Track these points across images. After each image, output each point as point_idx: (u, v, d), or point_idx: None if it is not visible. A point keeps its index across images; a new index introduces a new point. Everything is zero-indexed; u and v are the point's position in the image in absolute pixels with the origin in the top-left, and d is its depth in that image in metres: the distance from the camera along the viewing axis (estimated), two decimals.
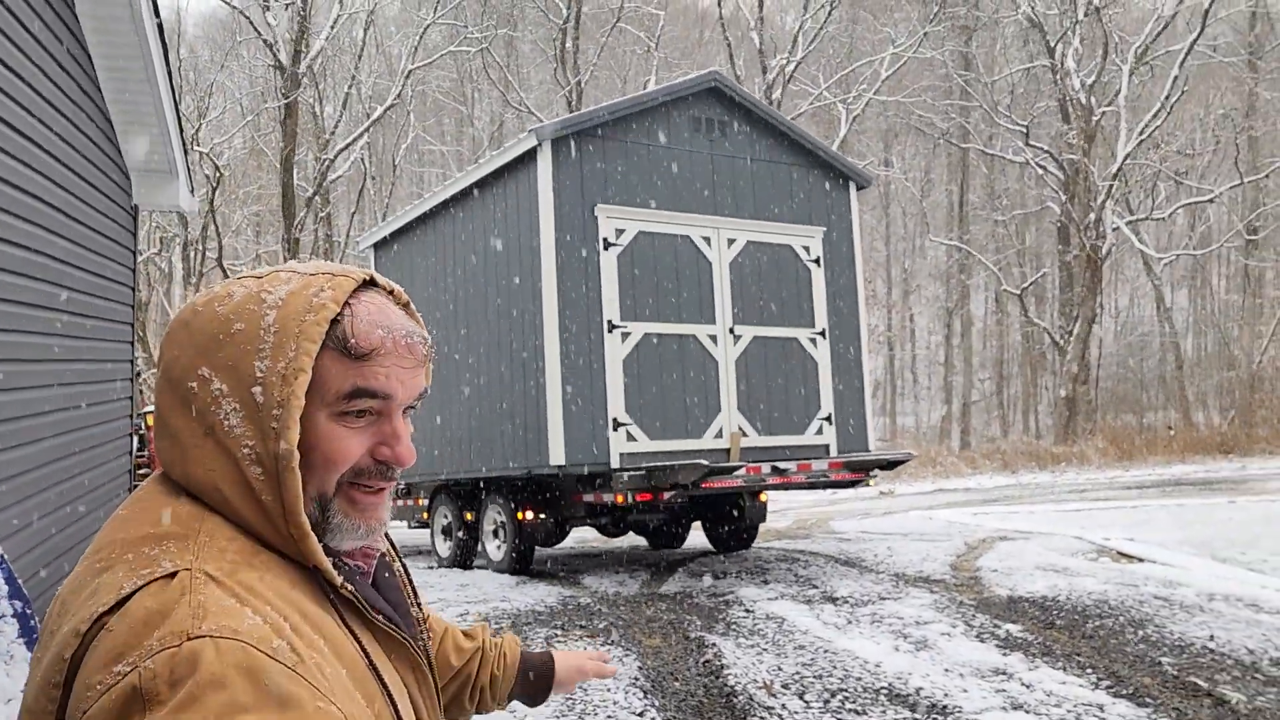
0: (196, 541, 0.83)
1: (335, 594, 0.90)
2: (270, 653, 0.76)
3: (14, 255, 4.39)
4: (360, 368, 0.90)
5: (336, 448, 0.90)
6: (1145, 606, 6.44)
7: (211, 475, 0.87)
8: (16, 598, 2.37)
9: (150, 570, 0.79)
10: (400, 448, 0.93)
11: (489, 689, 1.35)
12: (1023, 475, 21.47)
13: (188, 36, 33.26)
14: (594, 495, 8.38)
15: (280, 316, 0.88)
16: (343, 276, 0.93)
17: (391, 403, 0.93)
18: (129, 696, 0.72)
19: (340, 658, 0.85)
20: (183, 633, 0.74)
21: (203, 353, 0.88)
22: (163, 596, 0.77)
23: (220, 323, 0.89)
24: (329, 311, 0.89)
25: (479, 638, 1.37)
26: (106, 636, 0.76)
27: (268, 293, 0.90)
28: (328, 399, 0.89)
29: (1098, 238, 25.81)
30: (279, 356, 0.86)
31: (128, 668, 0.73)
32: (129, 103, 6.36)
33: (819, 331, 9.24)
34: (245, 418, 0.86)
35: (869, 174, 10.17)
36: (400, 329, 0.93)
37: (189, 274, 28.02)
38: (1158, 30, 26.02)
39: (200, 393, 0.87)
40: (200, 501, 0.87)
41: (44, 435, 4.90)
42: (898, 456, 8.74)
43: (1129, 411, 34.91)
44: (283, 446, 0.85)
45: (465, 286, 9.69)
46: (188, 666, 0.72)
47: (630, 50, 34.43)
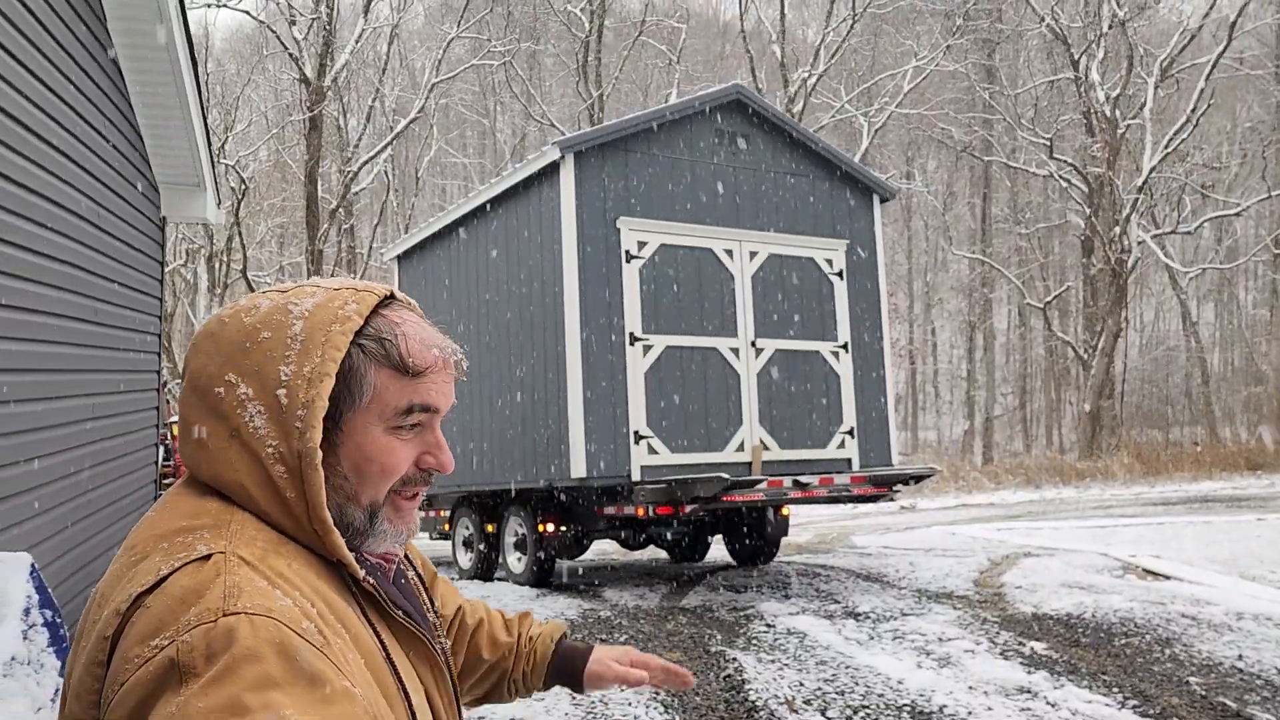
0: (229, 529, 0.87)
1: (357, 587, 0.94)
2: (301, 632, 0.79)
3: (46, 267, 4.46)
4: (416, 385, 0.97)
5: (393, 460, 0.96)
6: (1172, 625, 6.36)
7: (238, 474, 0.91)
8: (47, 606, 2.40)
9: (186, 554, 0.83)
10: (444, 455, 1.00)
11: (522, 684, 1.39)
12: (1046, 490, 21.28)
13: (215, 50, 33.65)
14: (615, 508, 8.35)
15: (307, 326, 0.93)
16: (366, 291, 0.99)
17: (437, 416, 1.00)
18: (166, 668, 0.75)
19: (359, 648, 0.88)
20: (219, 609, 0.78)
21: (229, 360, 0.93)
22: (199, 576, 0.81)
23: (248, 331, 0.94)
24: (354, 323, 0.94)
25: (514, 633, 1.39)
26: (144, 614, 0.79)
27: (294, 304, 0.95)
28: (385, 415, 0.95)
29: (1123, 251, 25.61)
30: (305, 362, 0.91)
31: (165, 641, 0.76)
32: (158, 116, 6.44)
33: (841, 345, 9.19)
34: (270, 419, 0.90)
35: (892, 186, 10.13)
36: (447, 347, 1.01)
37: (214, 285, 28.27)
38: (1183, 43, 25.85)
39: (227, 397, 0.92)
40: (228, 499, 0.92)
41: (72, 444, 4.96)
42: (921, 471, 8.66)
43: (1154, 427, 34.55)
44: (307, 445, 0.90)
45: (488, 298, 9.71)
46: (224, 641, 0.76)
47: (652, 63, 34.57)
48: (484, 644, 1.37)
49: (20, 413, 4.17)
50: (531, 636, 1.40)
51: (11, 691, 2.03)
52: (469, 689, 1.38)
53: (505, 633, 1.39)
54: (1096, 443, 25.62)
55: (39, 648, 2.23)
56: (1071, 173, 27.71)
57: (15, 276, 4.07)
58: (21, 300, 4.16)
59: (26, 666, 2.12)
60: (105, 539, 5.64)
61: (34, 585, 2.33)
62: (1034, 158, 29.83)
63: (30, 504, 4.31)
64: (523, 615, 1.45)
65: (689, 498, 7.44)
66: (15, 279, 4.08)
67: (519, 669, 1.38)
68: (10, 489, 4.05)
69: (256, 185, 30.77)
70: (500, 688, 1.39)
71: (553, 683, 1.39)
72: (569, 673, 1.38)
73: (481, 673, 1.37)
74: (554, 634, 1.40)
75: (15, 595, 2.20)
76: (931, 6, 30.45)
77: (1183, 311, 31.09)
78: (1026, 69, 32.72)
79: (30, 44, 4.27)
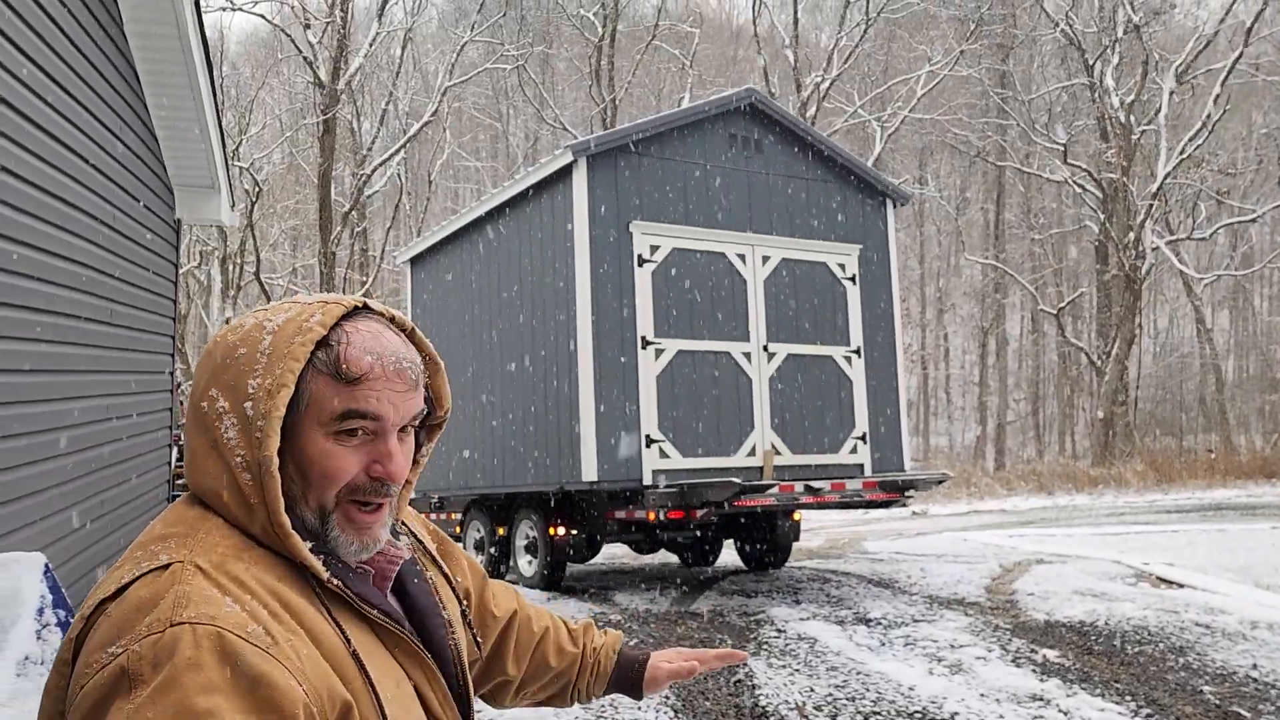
0: (194, 538, 0.94)
1: (322, 588, 0.97)
2: (245, 636, 0.84)
3: (62, 268, 4.48)
4: (352, 391, 0.98)
5: (332, 465, 0.98)
6: (1186, 633, 6.32)
7: (214, 482, 0.97)
8: (60, 606, 2.41)
9: (150, 563, 0.90)
10: (392, 465, 1.00)
11: (585, 693, 1.45)
12: (1059, 497, 21.17)
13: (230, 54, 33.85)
14: (626, 512, 8.34)
15: (274, 340, 0.98)
16: (334, 304, 1.02)
17: (384, 423, 1.00)
18: (117, 676, 0.81)
19: (319, 645, 0.92)
20: (166, 619, 0.83)
21: (213, 376, 0.99)
22: (155, 585, 0.87)
23: (228, 349, 1.00)
24: (315, 334, 0.98)
25: (579, 644, 1.45)
26: (105, 620, 0.86)
27: (269, 320, 1.00)
28: (323, 420, 0.98)
29: (1137, 257, 25.48)
30: (268, 374, 0.96)
31: (119, 650, 0.82)
32: (174, 119, 6.48)
33: (854, 349, 9.17)
34: (240, 430, 0.96)
35: (906, 191, 10.10)
36: (390, 355, 1.01)
37: (227, 287, 28.39)
38: (1199, 48, 25.72)
39: (209, 411, 0.98)
40: (208, 508, 0.98)
41: (86, 445, 4.98)
42: (933, 477, 8.62)
43: (1168, 434, 34.36)
44: (263, 454, 0.94)
45: (500, 301, 9.72)
46: (168, 650, 0.81)
47: (665, 68, 34.58)
48: (550, 652, 1.42)
49: (34, 413, 4.20)
50: (595, 648, 1.45)
51: (25, 691, 2.04)
52: (534, 692, 1.44)
53: (571, 643, 1.44)
54: (1110, 449, 25.48)
55: (52, 647, 2.24)
56: (1086, 178, 27.59)
57: (31, 278, 4.10)
58: (38, 301, 4.18)
59: (40, 666, 2.13)
60: (118, 539, 5.66)
61: (48, 585, 2.34)
62: (1048, 163, 29.72)
63: (44, 504, 4.33)
64: (585, 625, 1.49)
65: (700, 502, 7.43)
66: (32, 280, 4.10)
67: (584, 680, 1.44)
68: (24, 489, 4.07)
69: (270, 188, 30.90)
70: (564, 695, 1.45)
71: (612, 691, 1.44)
72: (628, 682, 1.44)
73: (547, 679, 1.43)
74: (615, 645, 1.46)
75: (29, 595, 2.22)
76: (945, 11, 30.38)
77: (1197, 318, 30.90)
78: (1041, 74, 32.62)
79: (47, 46, 4.30)
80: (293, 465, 0.98)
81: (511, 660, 1.40)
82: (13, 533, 3.90)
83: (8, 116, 3.82)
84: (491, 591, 1.40)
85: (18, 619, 2.19)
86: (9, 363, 3.89)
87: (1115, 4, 26.51)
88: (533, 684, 1.42)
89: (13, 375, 3.93)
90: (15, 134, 3.90)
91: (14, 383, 3.95)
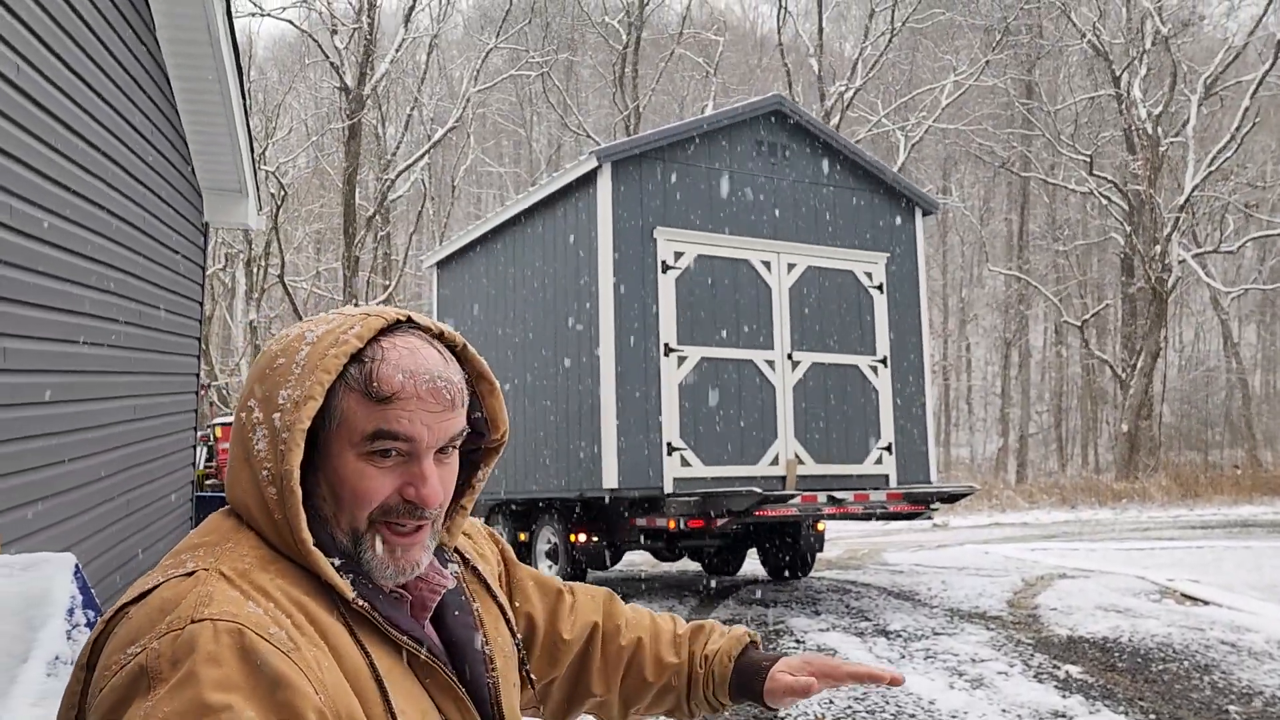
0: (223, 548, 0.92)
1: (347, 607, 0.94)
2: (266, 637, 0.83)
3: (93, 270, 4.53)
4: (383, 410, 0.94)
5: (363, 486, 0.95)
6: (1211, 651, 6.24)
7: (244, 494, 0.96)
8: (89, 607, 2.43)
9: (176, 570, 0.89)
10: (425, 489, 0.96)
11: (706, 704, 1.30)
12: (1082, 511, 20.99)
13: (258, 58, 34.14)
14: (647, 519, 8.30)
15: (310, 352, 0.95)
16: (375, 317, 0.98)
17: (417, 445, 0.96)
18: (137, 675, 0.80)
19: (341, 664, 0.89)
20: (187, 617, 0.82)
21: (253, 386, 0.97)
22: (178, 588, 0.86)
23: (269, 358, 0.98)
24: (350, 347, 0.94)
25: (683, 652, 1.30)
26: (126, 622, 0.85)
27: (310, 331, 0.98)
28: (353, 439, 0.95)
29: (1163, 270, 25.26)
30: (299, 386, 0.93)
31: (138, 650, 0.81)
32: (204, 123, 6.54)
33: (880, 359, 9.10)
34: (269, 442, 0.93)
35: (934, 200, 10.02)
36: (424, 373, 0.96)
37: (251, 289, 28.62)
38: (1228, 60, 25.51)
39: (246, 421, 0.96)
40: (240, 518, 0.97)
41: (114, 445, 5.03)
42: (959, 490, 8.53)
43: (1193, 449, 34.01)
44: (284, 467, 0.92)
45: (523, 306, 9.74)
46: (187, 647, 0.80)
47: (689, 76, 34.61)
48: (647, 666, 1.30)
49: (64, 413, 4.24)
50: (708, 656, 1.29)
51: (56, 691, 2.06)
52: (646, 708, 1.32)
53: (673, 653, 1.30)
54: (1134, 464, 25.24)
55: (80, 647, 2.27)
56: (1112, 190, 27.39)
57: (63, 279, 4.15)
58: (68, 303, 4.23)
59: (69, 666, 2.16)
60: (142, 539, 5.71)
61: (78, 586, 2.37)
62: (1073, 174, 29.53)
63: (72, 503, 4.38)
64: (698, 628, 1.33)
65: (720, 511, 7.39)
66: (63, 281, 4.15)
67: (698, 691, 1.29)
68: (54, 488, 4.12)
69: (295, 192, 31.15)
70: (681, 708, 1.30)
71: (742, 700, 1.27)
72: (751, 692, 1.26)
73: (652, 695, 1.30)
74: (733, 650, 1.28)
75: (60, 595, 2.24)
76: (971, 21, 30.26)
77: (1224, 332, 30.60)
78: (1067, 85, 32.41)
79: (81, 50, 4.35)
80: (325, 484, 0.96)
81: (598, 679, 1.30)
82: (40, 531, 3.94)
83: (42, 120, 3.87)
84: (569, 607, 1.31)
85: (48, 619, 2.21)
86: (37, 363, 3.93)
87: (1144, 15, 26.33)
88: (637, 700, 1.30)
89: (41, 376, 3.98)
90: (48, 136, 3.95)
91: (43, 383, 3.99)
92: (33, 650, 2.11)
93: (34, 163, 3.79)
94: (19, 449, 3.74)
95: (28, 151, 3.73)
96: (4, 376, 3.60)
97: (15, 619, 2.19)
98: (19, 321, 3.70)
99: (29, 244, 3.77)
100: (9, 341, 3.62)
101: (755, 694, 1.24)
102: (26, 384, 3.81)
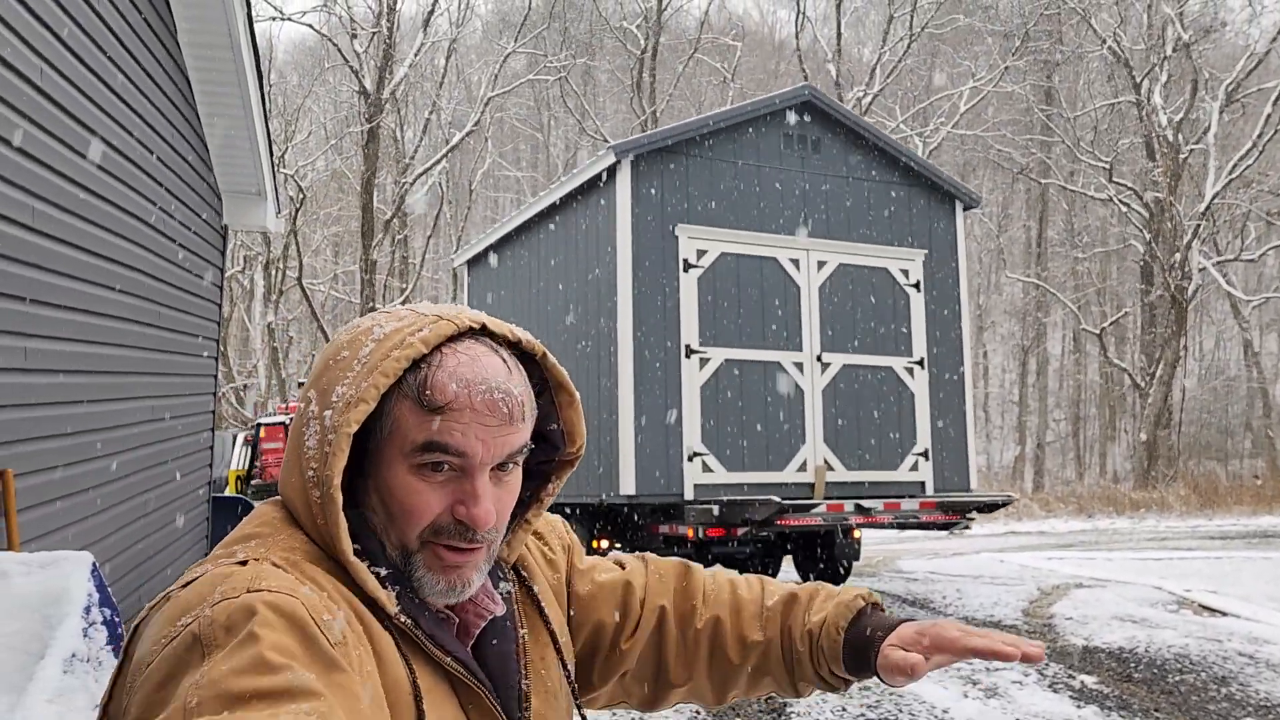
0: (274, 540, 0.88)
1: (390, 622, 0.89)
2: (320, 623, 0.78)
3: (115, 272, 4.57)
4: (435, 420, 0.88)
5: (411, 501, 0.89)
6: (1229, 663, 6.19)
7: (293, 492, 0.91)
8: (106, 605, 2.45)
9: (227, 560, 0.84)
10: (476, 510, 0.89)
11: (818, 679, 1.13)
12: (1099, 520, 20.84)
13: (278, 62, 34.38)
14: (670, 527, 8.02)
15: (374, 350, 0.88)
16: (446, 321, 0.91)
17: (470, 460, 0.89)
18: (190, 643, 0.75)
19: (382, 670, 0.84)
20: (242, 588, 0.78)
21: (315, 377, 0.92)
22: (229, 569, 0.81)
23: (334, 350, 0.92)
24: (413, 350, 0.88)
25: (773, 629, 1.14)
26: (174, 601, 0.80)
27: (379, 326, 0.91)
28: (405, 449, 0.88)
29: (1183, 278, 25.08)
30: (356, 385, 0.87)
31: (190, 619, 0.76)
32: (224, 128, 6.59)
33: (916, 360, 8.72)
34: (318, 440, 0.88)
35: (976, 194, 9.61)
36: (481, 384, 0.89)
37: (269, 292, 28.80)
38: (1250, 67, 25.32)
39: (303, 413, 0.91)
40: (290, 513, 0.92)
41: (132, 445, 5.07)
42: (997, 499, 8.16)
43: (1213, 458, 33.71)
44: (325, 472, 0.86)
45: (544, 306, 9.58)
46: (244, 615, 0.75)
47: (706, 80, 34.65)
48: (730, 646, 1.14)
49: (84, 413, 4.28)
50: (811, 631, 1.11)
51: (72, 688, 2.08)
52: (746, 687, 1.16)
53: (759, 629, 1.13)
54: (1152, 473, 25.05)
55: (98, 645, 2.29)
56: (1131, 197, 27.22)
57: (84, 280, 4.19)
58: (89, 304, 4.27)
59: (86, 664, 2.17)
60: (159, 539, 5.75)
61: (95, 584, 2.39)
62: (1093, 181, 29.36)
63: (90, 502, 4.41)
64: (790, 598, 1.15)
65: (739, 520, 7.11)
66: (84, 283, 4.19)
67: (803, 669, 1.12)
68: (72, 487, 4.16)
69: (314, 195, 31.33)
70: (786, 688, 1.14)
71: (860, 675, 1.09)
72: (867, 666, 1.07)
73: (746, 677, 1.15)
74: (842, 619, 1.09)
75: (77, 593, 2.26)
76: (990, 27, 30.16)
77: (1244, 341, 30.36)
78: (1087, 91, 32.25)
79: (103, 54, 4.39)
80: (375, 493, 0.91)
81: (677, 667, 1.16)
82: (57, 530, 3.97)
83: (65, 123, 3.91)
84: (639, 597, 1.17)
85: (65, 617, 2.23)
86: (58, 364, 3.97)
87: (1165, 22, 26.18)
88: (731, 685, 1.16)
89: (62, 376, 4.02)
90: (70, 139, 3.99)
91: (63, 383, 4.03)
92: (50, 647, 2.13)
93: (56, 165, 3.83)
94: (39, 448, 3.77)
95: (50, 154, 3.76)
96: (26, 376, 3.63)
97: (33, 616, 2.22)
98: (40, 322, 3.74)
99: (51, 245, 3.80)
100: (31, 341, 3.66)
101: (873, 669, 1.06)
102: (47, 384, 3.85)
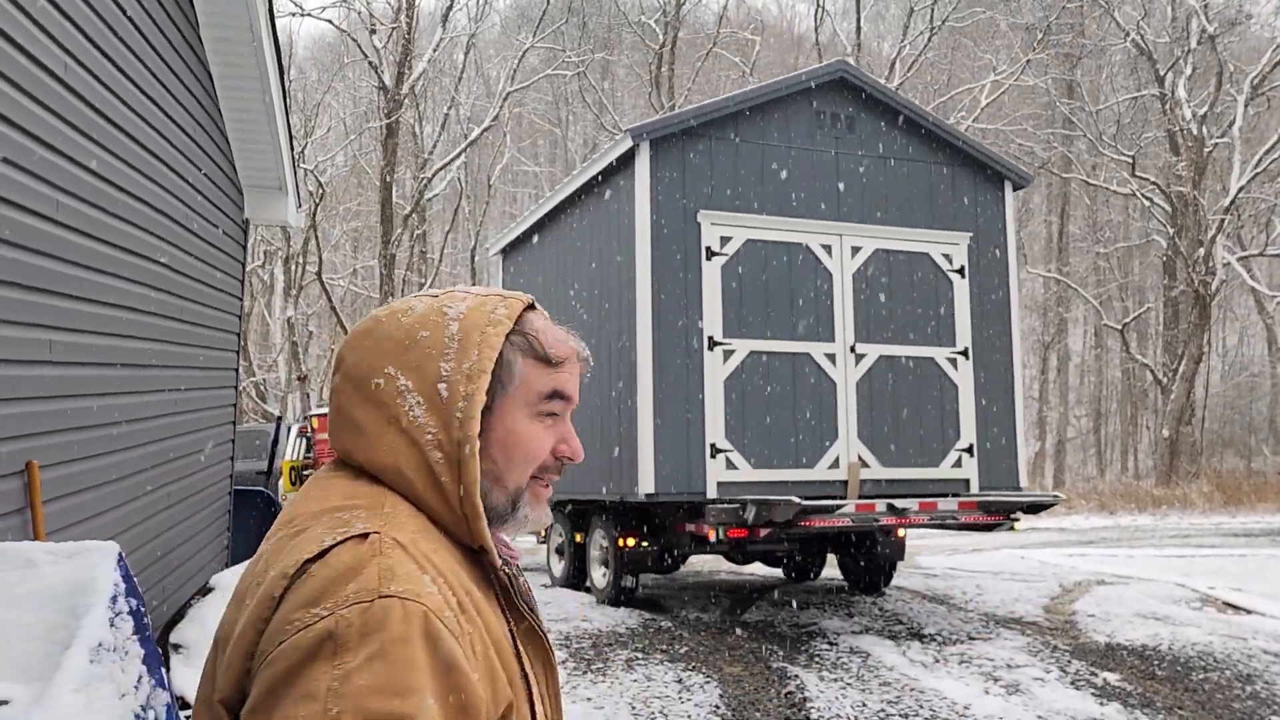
0: (383, 512, 0.95)
1: (494, 576, 1.01)
2: (444, 621, 0.87)
3: (138, 265, 4.60)
4: (556, 373, 1.06)
5: (537, 444, 1.05)
6: (1254, 661, 6.13)
7: (396, 459, 0.98)
8: (132, 595, 2.46)
9: (345, 530, 0.91)
10: (576, 444, 1.09)
11: None
12: (1121, 517, 20.68)
13: (298, 58, 34.54)
14: (695, 526, 7.71)
15: (463, 327, 1.02)
16: (513, 299, 1.08)
17: (572, 404, 1.08)
18: (322, 638, 0.82)
19: (491, 636, 0.94)
20: (375, 590, 0.85)
21: (388, 355, 1.01)
22: (357, 552, 0.88)
23: (406, 330, 1.02)
24: (506, 325, 1.04)
25: None
26: (308, 580, 0.87)
27: (449, 308, 1.04)
28: (530, 399, 1.04)
29: (1207, 273, 24.82)
30: (463, 359, 1.00)
31: (325, 612, 0.84)
32: (245, 121, 6.62)
33: (960, 350, 8.25)
34: (429, 410, 0.99)
35: (1026, 172, 9.02)
36: (579, 344, 1.11)
37: (289, 286, 28.95)
38: (1276, 59, 25.01)
39: (386, 388, 1.00)
40: (379, 483, 0.99)
41: (155, 438, 5.11)
42: (1044, 499, 7.69)
43: (1236, 455, 33.37)
44: (467, 434, 0.98)
45: (565, 295, 9.44)
46: (378, 622, 0.83)
47: (725, 75, 34.53)
48: None
49: (109, 405, 4.31)
50: None
51: (98, 677, 2.09)
52: None
53: None
54: (1175, 470, 24.83)
55: (124, 635, 2.30)
56: (1154, 191, 26.96)
57: (107, 273, 4.22)
58: (114, 297, 4.30)
59: (113, 654, 2.19)
60: (181, 532, 5.79)
61: (121, 574, 2.40)
62: (1115, 175, 29.10)
63: (115, 494, 4.45)
64: None
65: (760, 521, 6.77)
66: (110, 276, 4.22)
67: None
68: (98, 478, 4.19)
69: (333, 189, 31.46)
70: None
71: None
72: None
73: None
74: None
75: (104, 583, 2.28)
76: (1011, 20, 29.92)
77: (1269, 337, 30.02)
78: (1109, 84, 31.94)
79: (127, 48, 4.42)
80: (495, 446, 1.03)
81: None
82: (82, 522, 4.01)
83: (88, 116, 3.94)
84: None
85: (91, 607, 2.24)
86: (81, 356, 4.00)
87: (1189, 14, 25.89)
88: None
89: (86, 369, 4.05)
90: (94, 132, 4.02)
91: (85, 375, 4.06)
92: (76, 637, 2.15)
93: (80, 158, 3.86)
94: (66, 440, 3.81)
95: (74, 147, 3.79)
96: (52, 369, 3.66)
97: (60, 605, 2.23)
98: (65, 314, 3.77)
99: (76, 239, 3.83)
100: (56, 334, 3.69)
101: None
102: (72, 376, 3.88)
